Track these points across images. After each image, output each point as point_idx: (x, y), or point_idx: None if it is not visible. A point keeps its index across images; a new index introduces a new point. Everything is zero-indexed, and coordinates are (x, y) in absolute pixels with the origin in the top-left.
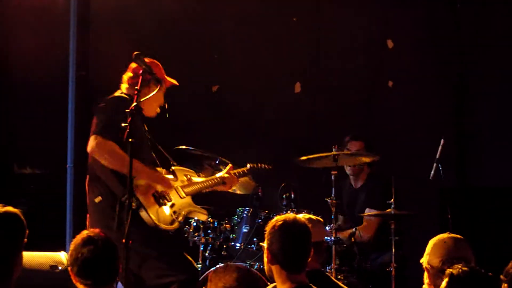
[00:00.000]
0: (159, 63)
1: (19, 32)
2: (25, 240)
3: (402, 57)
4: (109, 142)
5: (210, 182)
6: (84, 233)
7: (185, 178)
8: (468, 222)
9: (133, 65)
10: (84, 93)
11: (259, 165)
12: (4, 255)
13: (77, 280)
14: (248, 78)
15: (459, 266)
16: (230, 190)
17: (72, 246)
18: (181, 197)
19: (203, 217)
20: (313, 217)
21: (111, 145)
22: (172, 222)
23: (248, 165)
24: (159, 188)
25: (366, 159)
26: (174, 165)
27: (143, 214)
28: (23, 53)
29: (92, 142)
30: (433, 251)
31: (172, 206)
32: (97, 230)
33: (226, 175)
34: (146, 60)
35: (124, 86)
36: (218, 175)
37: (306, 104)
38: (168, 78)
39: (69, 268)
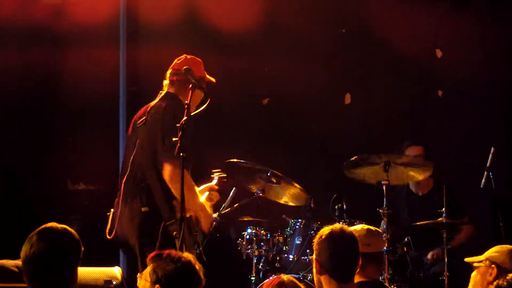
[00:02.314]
0: (200, 61)
1: (69, 48)
2: (80, 258)
3: (451, 66)
4: (185, 172)
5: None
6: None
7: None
8: None
9: (176, 61)
10: (135, 108)
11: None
12: (60, 273)
13: None
14: (298, 90)
15: (508, 275)
16: (282, 202)
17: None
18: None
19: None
20: (372, 228)
21: (186, 174)
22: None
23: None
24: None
25: (418, 176)
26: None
27: (178, 242)
28: (74, 69)
29: (169, 169)
30: (508, 256)
31: (197, 234)
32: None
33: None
34: (188, 57)
35: (166, 84)
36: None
37: (356, 115)
38: (207, 76)
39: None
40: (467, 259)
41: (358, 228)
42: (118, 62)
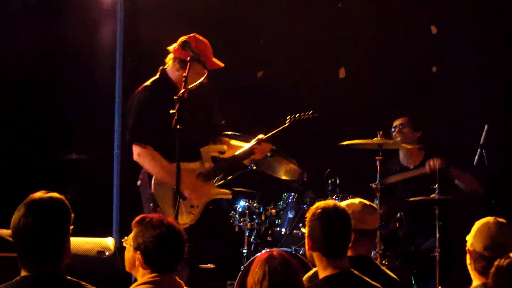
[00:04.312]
0: (208, 43)
1: (66, 20)
2: (72, 225)
3: (446, 42)
4: (147, 151)
5: (238, 157)
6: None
7: (210, 162)
8: None
9: (182, 38)
10: (131, 80)
11: (302, 116)
12: (52, 241)
13: (142, 265)
14: (293, 63)
15: (509, 255)
16: (276, 176)
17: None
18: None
19: (228, 197)
20: (367, 203)
21: (150, 154)
22: (188, 217)
23: (288, 120)
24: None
25: (408, 146)
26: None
27: (159, 211)
28: (70, 40)
29: (134, 152)
30: (476, 235)
31: (191, 198)
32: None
33: (256, 145)
34: (198, 37)
35: (169, 60)
36: (247, 146)
37: (350, 89)
38: (214, 60)
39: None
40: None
41: (356, 202)
42: (115, 33)
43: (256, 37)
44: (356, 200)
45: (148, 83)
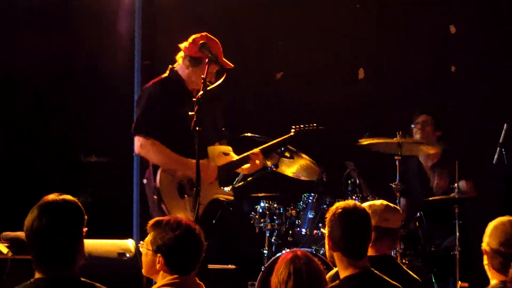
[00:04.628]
0: (217, 41)
1: (85, 22)
2: (85, 227)
3: (465, 42)
4: (149, 141)
5: (232, 164)
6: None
7: (215, 161)
8: None
9: (194, 36)
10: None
11: (307, 127)
12: (65, 243)
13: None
14: (311, 64)
15: None
16: (294, 176)
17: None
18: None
19: (230, 198)
20: (390, 204)
21: (153, 144)
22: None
23: (293, 130)
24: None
25: (430, 150)
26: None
27: (163, 207)
28: (89, 43)
29: (136, 144)
30: (492, 233)
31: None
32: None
33: (250, 154)
34: (210, 36)
35: (179, 58)
36: (239, 156)
37: (370, 90)
38: (224, 60)
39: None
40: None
41: (378, 203)
42: (134, 36)
43: (274, 39)
44: (378, 201)
45: (157, 79)
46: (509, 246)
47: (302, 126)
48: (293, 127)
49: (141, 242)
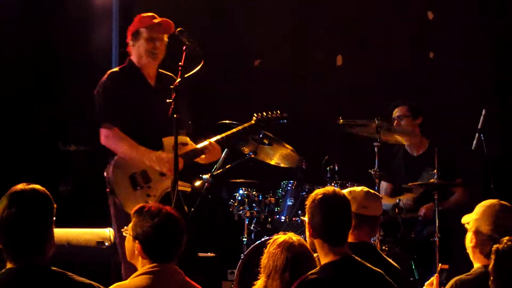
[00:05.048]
0: (145, 15)
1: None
2: (54, 216)
3: (443, 28)
4: (113, 132)
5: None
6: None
7: (171, 152)
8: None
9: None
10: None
11: (270, 115)
12: (35, 232)
13: (140, 254)
14: (290, 52)
15: (505, 240)
16: (273, 163)
17: (137, 221)
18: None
19: (187, 189)
20: (371, 191)
21: (116, 134)
22: None
23: (254, 118)
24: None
25: (401, 139)
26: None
27: (115, 199)
28: (67, 33)
29: (101, 135)
30: (483, 217)
31: (149, 187)
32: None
33: (207, 145)
34: (145, 15)
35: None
36: (199, 145)
37: (348, 76)
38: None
39: (135, 243)
40: (463, 220)
41: (358, 189)
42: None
43: (253, 27)
44: (359, 188)
45: (111, 70)
46: (500, 232)
47: (264, 114)
48: (255, 115)
49: (125, 227)
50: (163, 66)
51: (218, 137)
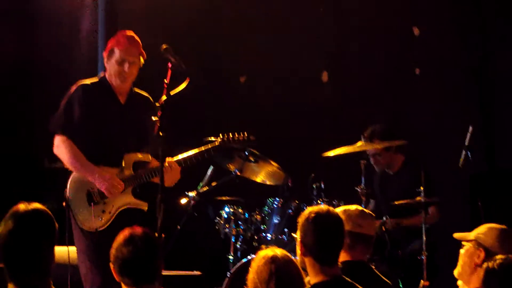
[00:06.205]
0: (122, 34)
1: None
2: (55, 236)
3: (428, 44)
4: (63, 141)
5: (145, 175)
6: (126, 232)
7: (131, 170)
8: (499, 208)
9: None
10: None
11: (236, 138)
12: (38, 254)
13: (118, 277)
14: (276, 68)
15: (496, 258)
16: (259, 181)
17: (114, 245)
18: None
19: (144, 207)
20: (366, 210)
21: (66, 144)
22: (96, 222)
23: (219, 139)
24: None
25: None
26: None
27: (71, 214)
28: (51, 46)
29: (54, 144)
30: (505, 243)
31: (104, 203)
32: (139, 229)
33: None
34: (124, 34)
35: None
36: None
37: (333, 92)
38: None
39: (111, 265)
40: (456, 235)
41: (352, 208)
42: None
43: (237, 43)
44: (353, 206)
45: (81, 83)
46: None
47: (231, 135)
48: (221, 136)
49: None
50: (147, 83)
51: (180, 157)
